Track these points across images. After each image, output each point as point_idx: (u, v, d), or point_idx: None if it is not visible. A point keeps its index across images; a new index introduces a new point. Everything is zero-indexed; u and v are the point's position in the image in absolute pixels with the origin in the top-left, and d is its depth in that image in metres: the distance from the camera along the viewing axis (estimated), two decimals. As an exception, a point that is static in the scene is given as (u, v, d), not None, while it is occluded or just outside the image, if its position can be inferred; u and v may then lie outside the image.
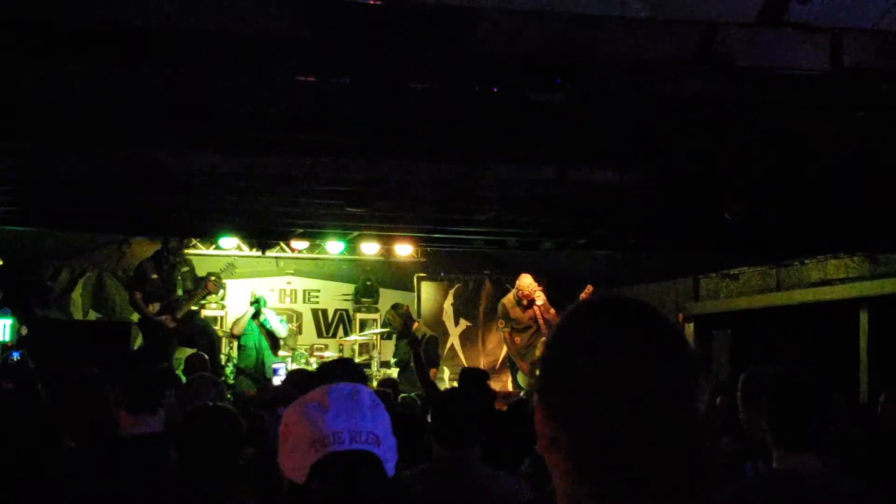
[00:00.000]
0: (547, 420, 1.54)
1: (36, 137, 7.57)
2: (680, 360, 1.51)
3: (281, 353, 15.20)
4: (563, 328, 1.58)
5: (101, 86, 6.09)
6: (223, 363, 14.54)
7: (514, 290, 14.00)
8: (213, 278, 14.05)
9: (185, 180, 8.93)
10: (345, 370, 4.48)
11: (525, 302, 13.69)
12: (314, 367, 12.90)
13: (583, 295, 13.20)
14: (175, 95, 6.21)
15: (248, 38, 5.05)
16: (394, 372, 14.35)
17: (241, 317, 14.59)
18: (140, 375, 4.88)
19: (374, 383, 11.96)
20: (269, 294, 15.78)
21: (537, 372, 1.59)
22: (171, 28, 4.77)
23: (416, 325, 13.97)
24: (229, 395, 10.31)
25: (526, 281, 13.76)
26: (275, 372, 14.25)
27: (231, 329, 14.72)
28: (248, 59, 5.39)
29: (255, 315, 14.48)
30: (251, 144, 7.39)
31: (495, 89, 5.99)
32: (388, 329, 14.79)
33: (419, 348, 9.95)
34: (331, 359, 14.58)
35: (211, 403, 4.16)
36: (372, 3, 4.44)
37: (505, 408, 8.11)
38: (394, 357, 14.74)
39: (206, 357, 11.18)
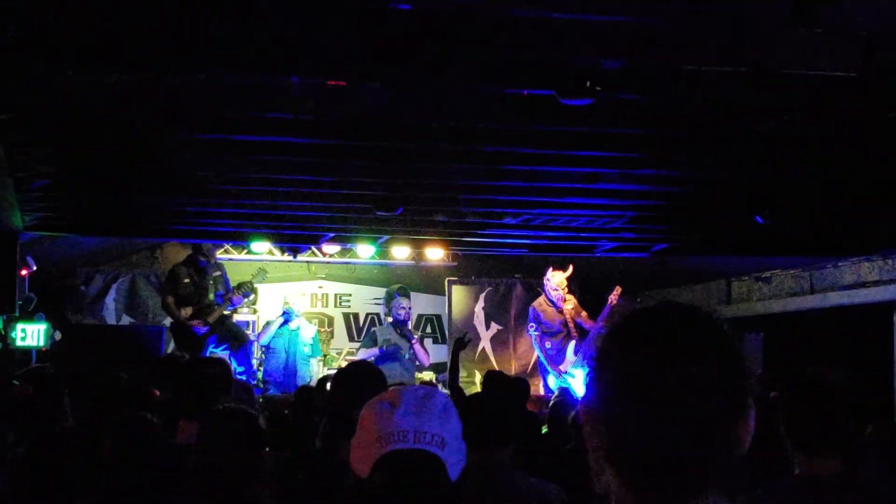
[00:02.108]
0: (592, 416, 1.61)
1: (68, 144, 7.64)
2: (719, 368, 1.56)
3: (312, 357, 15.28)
4: (614, 328, 1.65)
5: (133, 92, 6.14)
6: (255, 368, 14.58)
7: (543, 294, 13.97)
8: (245, 283, 14.11)
9: (216, 185, 8.98)
10: (363, 372, 4.48)
11: (565, 297, 13.65)
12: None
13: (611, 296, 13.18)
14: (207, 101, 6.25)
15: (279, 43, 5.09)
16: (427, 374, 14.41)
17: (271, 325, 14.56)
18: (196, 381, 4.85)
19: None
20: (300, 298, 15.83)
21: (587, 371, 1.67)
22: (200, 34, 4.81)
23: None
24: (261, 399, 10.37)
25: (556, 275, 13.73)
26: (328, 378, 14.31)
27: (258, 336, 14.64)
28: (278, 64, 5.42)
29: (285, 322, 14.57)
30: (282, 149, 7.42)
31: (525, 93, 6.00)
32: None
33: (460, 350, 10.07)
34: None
35: (230, 406, 4.16)
36: (402, 8, 4.46)
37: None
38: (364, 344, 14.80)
39: (234, 362, 11.21)
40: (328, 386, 10.38)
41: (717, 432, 1.53)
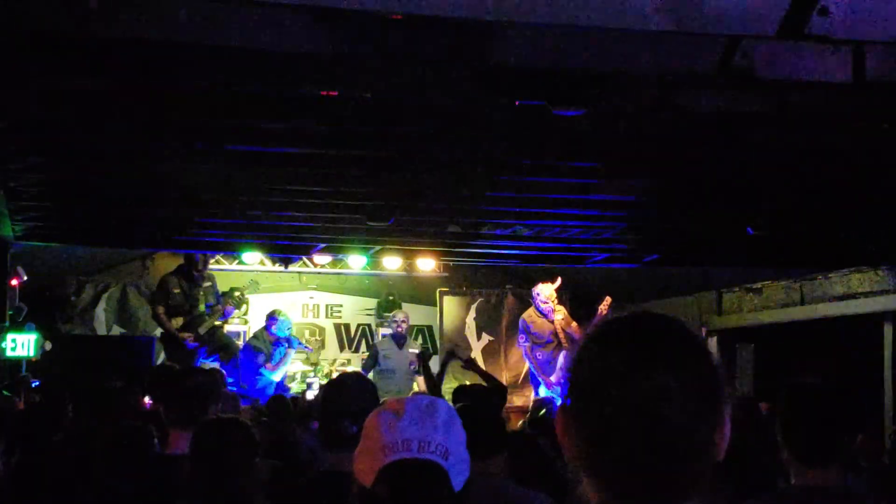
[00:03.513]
0: (567, 422, 1.62)
1: (60, 153, 7.63)
2: (692, 377, 1.57)
3: (303, 367, 15.24)
4: (589, 336, 1.67)
5: (125, 101, 6.13)
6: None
7: (532, 306, 13.97)
8: (236, 294, 14.07)
9: (207, 195, 8.97)
10: (355, 381, 4.49)
11: (555, 308, 13.65)
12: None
13: (601, 306, 13.20)
14: (197, 111, 6.25)
15: (271, 53, 5.09)
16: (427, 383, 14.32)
17: (283, 365, 14.09)
18: (183, 391, 4.85)
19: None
20: (291, 309, 15.79)
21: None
22: (193, 43, 4.81)
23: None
24: (253, 409, 10.34)
25: (546, 288, 13.73)
26: (308, 387, 14.25)
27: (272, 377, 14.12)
28: (270, 74, 5.42)
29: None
30: (273, 159, 7.42)
31: (517, 103, 6.01)
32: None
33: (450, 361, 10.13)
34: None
35: (223, 416, 4.17)
36: (393, 17, 4.46)
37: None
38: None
39: (224, 373, 11.17)
40: (307, 395, 10.37)
41: (692, 441, 1.54)
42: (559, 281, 13.80)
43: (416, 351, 13.95)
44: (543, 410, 9.52)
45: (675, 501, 1.54)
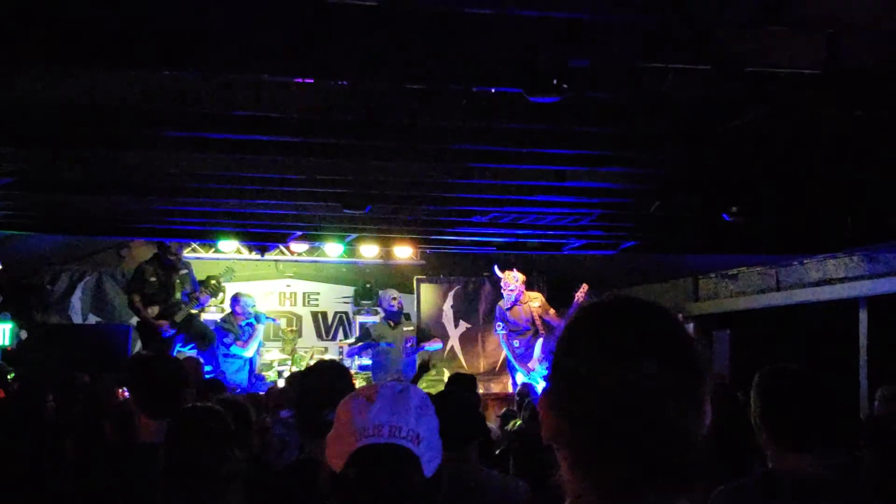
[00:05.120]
0: (550, 411, 1.60)
1: (33, 141, 7.58)
2: (675, 361, 1.55)
3: (280, 355, 15.23)
4: (572, 323, 1.64)
5: (98, 88, 6.09)
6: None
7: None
8: (213, 282, 14.04)
9: (182, 183, 8.94)
10: (332, 369, 4.49)
11: (524, 293, 13.67)
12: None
13: (578, 293, 13.25)
14: (172, 98, 6.22)
15: (246, 40, 5.06)
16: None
17: (254, 340, 14.26)
18: (156, 378, 4.80)
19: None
20: (268, 297, 15.77)
21: (546, 364, 1.66)
22: (167, 29, 4.78)
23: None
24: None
25: (507, 276, 13.77)
26: (280, 374, 14.27)
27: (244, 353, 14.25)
28: (245, 61, 5.39)
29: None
30: (249, 147, 7.39)
31: (493, 91, 6.00)
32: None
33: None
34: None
35: (199, 404, 4.14)
36: (369, 4, 4.45)
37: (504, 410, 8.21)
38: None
39: (202, 361, 11.17)
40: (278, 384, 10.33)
41: (675, 432, 1.52)
42: (517, 274, 13.84)
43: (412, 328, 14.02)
44: (529, 398, 9.61)
45: (662, 490, 1.52)
